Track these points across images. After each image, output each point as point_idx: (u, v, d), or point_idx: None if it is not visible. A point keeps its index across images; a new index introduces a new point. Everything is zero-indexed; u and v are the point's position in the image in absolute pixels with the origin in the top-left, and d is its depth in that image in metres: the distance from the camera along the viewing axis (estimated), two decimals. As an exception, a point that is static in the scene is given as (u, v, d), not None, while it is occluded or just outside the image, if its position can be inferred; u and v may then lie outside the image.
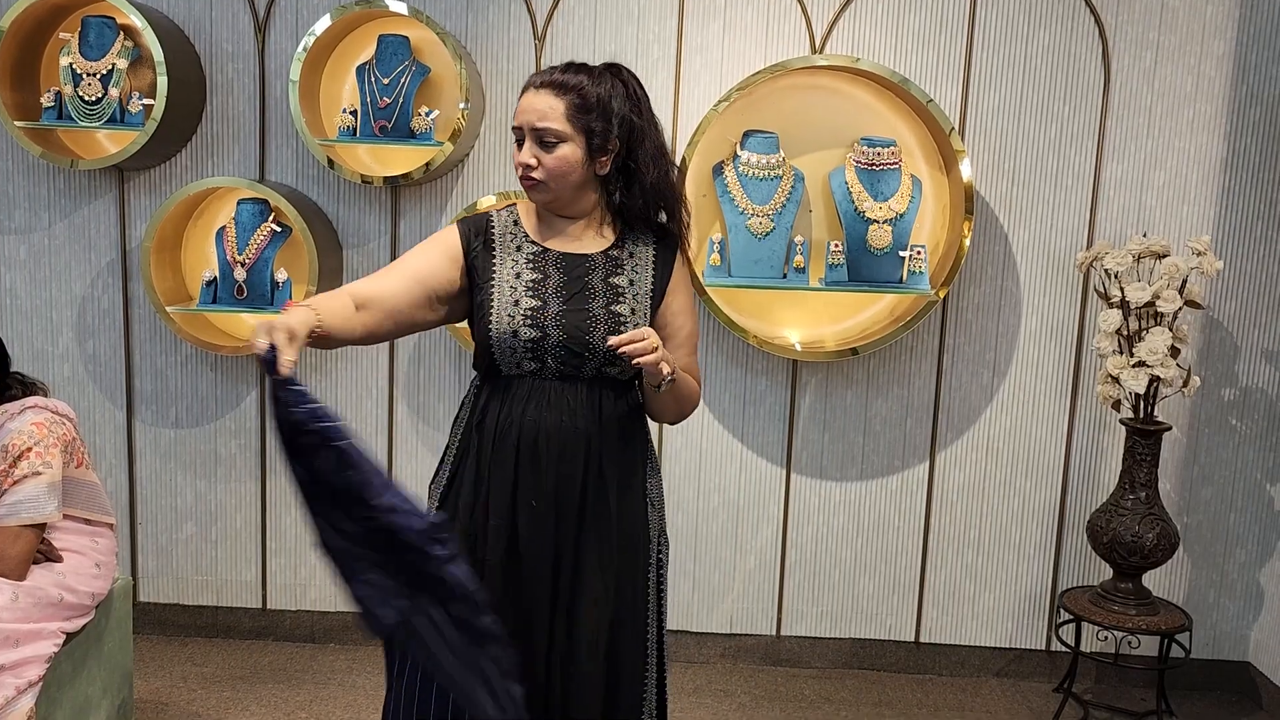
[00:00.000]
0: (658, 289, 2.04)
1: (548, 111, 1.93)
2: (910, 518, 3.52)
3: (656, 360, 1.86)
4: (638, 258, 2.05)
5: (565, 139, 1.93)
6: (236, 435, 3.53)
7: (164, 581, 3.60)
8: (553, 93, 1.94)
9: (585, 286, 1.99)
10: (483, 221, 2.05)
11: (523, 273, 1.99)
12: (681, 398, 2.03)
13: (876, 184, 3.25)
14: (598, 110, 1.95)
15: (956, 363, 3.44)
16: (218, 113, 3.39)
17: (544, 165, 1.94)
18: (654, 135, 2.02)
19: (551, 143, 1.93)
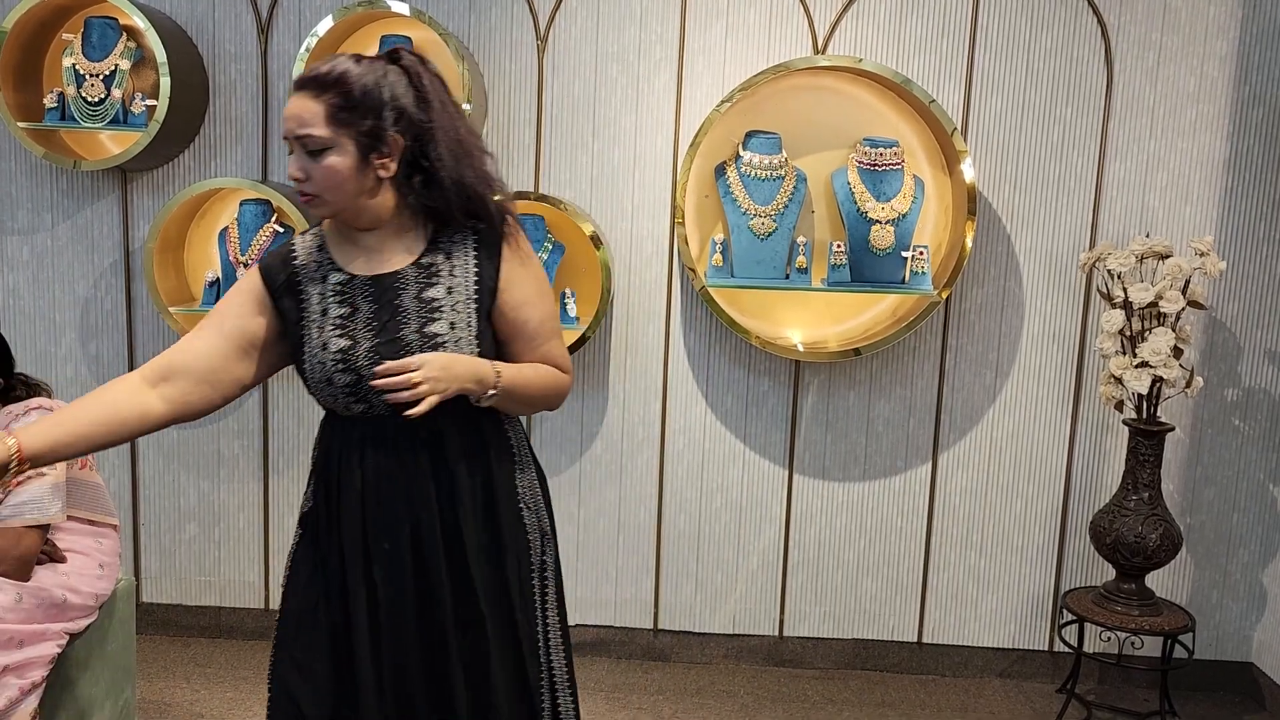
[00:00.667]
0: (484, 289, 1.82)
1: (307, 117, 1.71)
2: (913, 518, 3.52)
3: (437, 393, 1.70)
4: (457, 257, 1.83)
5: (331, 145, 1.71)
6: (239, 436, 3.53)
7: (167, 582, 3.60)
8: (311, 94, 1.72)
9: (397, 311, 1.79)
10: (284, 255, 1.87)
11: (329, 309, 1.81)
12: (526, 400, 1.86)
13: (879, 184, 3.25)
14: (365, 106, 1.72)
15: (959, 363, 3.44)
16: (220, 113, 3.40)
17: (313, 177, 1.73)
18: (449, 124, 1.78)
19: (317, 151, 1.72)
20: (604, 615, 3.58)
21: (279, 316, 1.85)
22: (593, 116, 3.36)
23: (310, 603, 1.90)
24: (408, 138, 1.76)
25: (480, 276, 1.82)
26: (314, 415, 3.50)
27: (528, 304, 1.86)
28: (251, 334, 1.84)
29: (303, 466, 3.54)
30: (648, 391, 3.47)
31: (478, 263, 1.83)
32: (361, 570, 1.83)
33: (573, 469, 3.51)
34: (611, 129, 3.36)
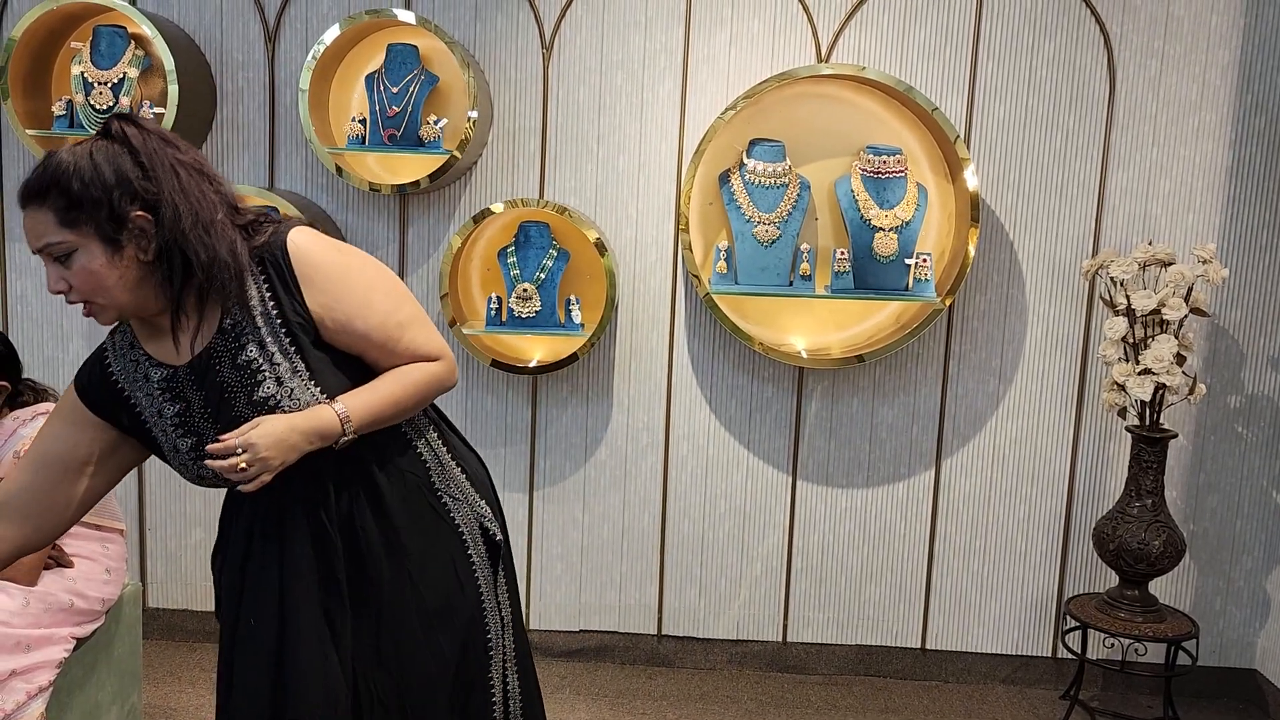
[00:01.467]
0: (293, 323, 1.66)
1: (40, 228, 1.60)
2: (916, 525, 3.52)
3: (269, 469, 1.61)
4: (254, 308, 1.66)
5: (75, 248, 1.59)
6: (245, 441, 3.54)
7: (173, 587, 3.62)
8: (35, 206, 1.60)
9: (222, 390, 1.67)
10: (97, 369, 1.75)
11: (164, 409, 1.70)
12: (398, 415, 1.75)
13: (882, 192, 3.26)
14: (90, 197, 1.58)
15: (962, 370, 3.45)
16: (228, 121, 3.42)
17: (75, 286, 1.61)
18: (172, 184, 1.61)
19: (64, 257, 1.60)
20: (608, 620, 3.59)
21: (115, 427, 1.76)
22: (597, 124, 3.38)
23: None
24: (150, 212, 1.61)
25: (284, 317, 1.66)
26: (319, 421, 3.51)
27: (356, 316, 1.69)
28: (82, 454, 1.76)
29: (308, 472, 3.55)
30: (652, 397, 3.48)
31: (276, 304, 1.66)
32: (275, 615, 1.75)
33: (577, 474, 3.53)
34: (616, 136, 3.38)
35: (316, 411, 1.66)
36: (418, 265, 3.44)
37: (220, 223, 1.63)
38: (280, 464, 1.63)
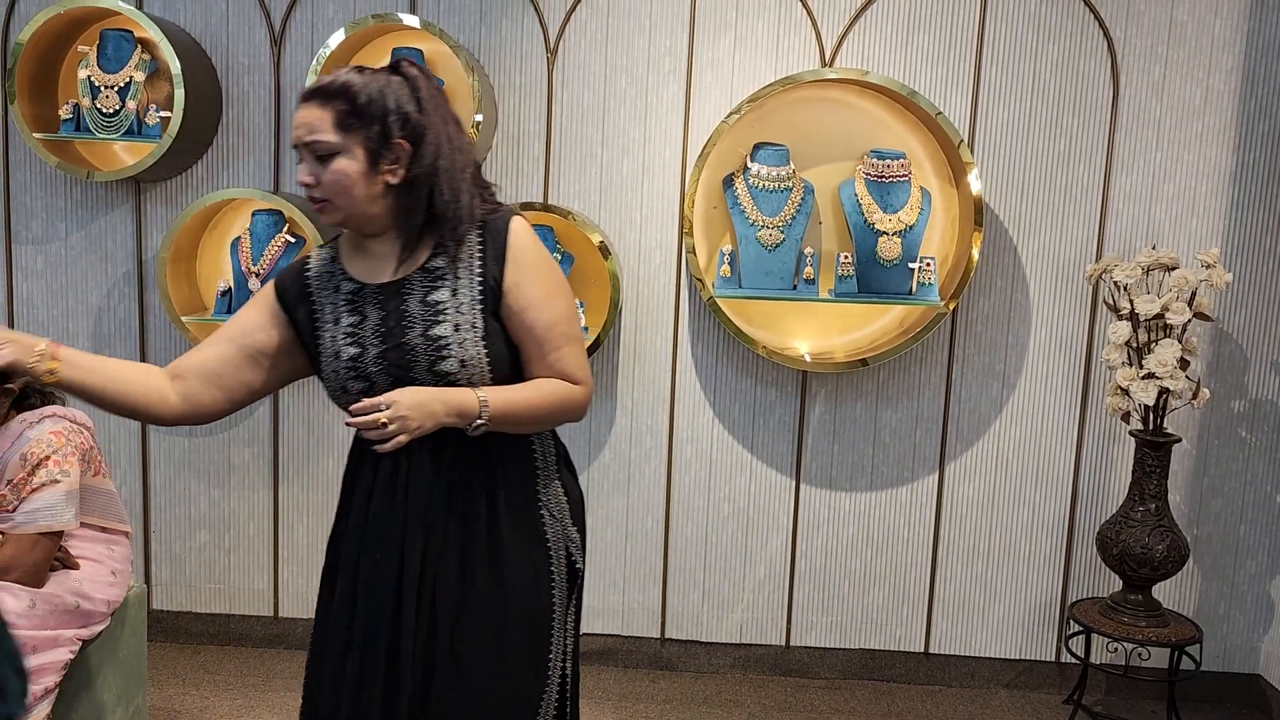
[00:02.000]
0: (489, 290, 1.82)
1: (315, 123, 1.76)
2: (919, 528, 3.52)
3: (406, 431, 1.72)
4: (462, 262, 1.83)
5: (339, 150, 1.76)
6: (250, 444, 3.55)
7: (177, 589, 3.63)
8: (319, 103, 1.77)
9: (403, 316, 1.81)
10: (298, 268, 1.92)
11: (341, 318, 1.84)
12: (528, 422, 1.84)
13: (886, 196, 3.26)
14: (370, 113, 1.76)
15: (966, 374, 3.45)
16: (233, 125, 3.43)
17: (322, 182, 1.77)
18: (449, 134, 1.81)
19: (325, 156, 1.77)
20: (611, 624, 3.59)
21: (294, 328, 1.89)
22: (602, 127, 3.39)
23: (323, 613, 1.95)
24: (411, 145, 1.79)
25: (484, 277, 1.82)
26: (323, 424, 3.52)
27: (534, 306, 1.82)
28: (261, 344, 1.89)
29: (312, 475, 3.56)
30: (655, 401, 3.48)
31: (483, 264, 1.82)
32: (351, 580, 1.86)
33: (580, 478, 3.53)
34: (620, 140, 3.39)
35: (459, 391, 1.78)
36: (422, 269, 3.45)
37: (467, 178, 1.83)
38: (418, 428, 1.73)
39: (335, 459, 3.55)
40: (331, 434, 3.54)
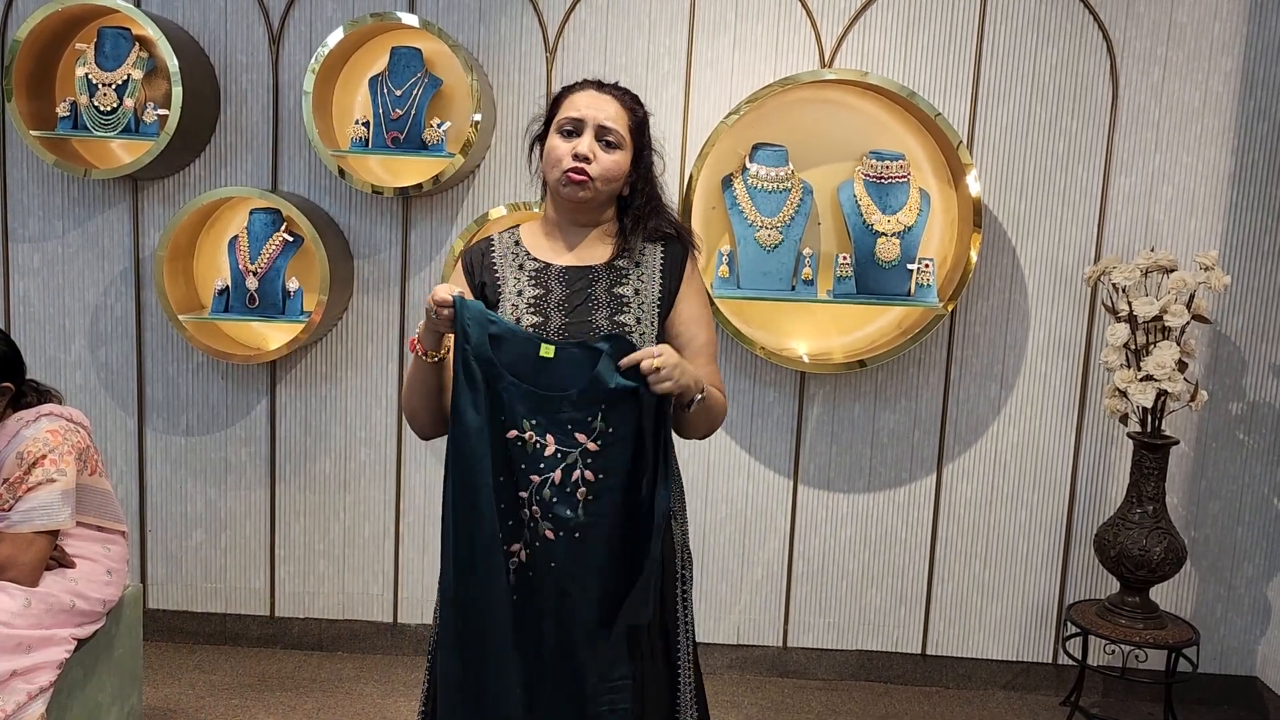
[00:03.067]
0: (666, 297, 2.01)
1: (615, 115, 1.96)
2: (917, 530, 3.52)
3: (673, 380, 1.83)
4: (644, 266, 2.02)
5: (623, 146, 1.97)
6: (247, 443, 3.55)
7: (173, 588, 3.62)
8: (617, 100, 1.98)
9: (588, 299, 1.96)
10: (484, 245, 2.06)
11: (525, 289, 1.98)
12: (712, 411, 1.99)
13: (885, 197, 3.26)
14: (645, 132, 2.02)
15: (964, 375, 3.45)
16: (231, 123, 3.42)
17: (599, 162, 1.95)
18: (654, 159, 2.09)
19: (612, 144, 1.96)
20: (608, 625, 3.58)
21: (481, 293, 2.02)
22: (600, 128, 3.37)
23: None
24: (648, 166, 2.04)
25: (664, 285, 2.01)
26: (320, 424, 3.51)
27: (695, 320, 2.03)
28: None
29: (308, 474, 3.55)
30: (653, 401, 3.47)
31: (663, 273, 2.02)
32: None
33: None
34: (619, 140, 3.38)
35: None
36: (420, 268, 3.44)
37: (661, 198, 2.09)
38: (674, 384, 1.84)
39: (332, 459, 3.54)
40: (328, 433, 3.53)
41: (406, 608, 3.60)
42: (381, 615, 3.60)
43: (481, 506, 1.84)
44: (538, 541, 1.85)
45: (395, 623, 3.60)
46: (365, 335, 3.48)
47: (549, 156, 1.97)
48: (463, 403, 1.85)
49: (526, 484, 1.85)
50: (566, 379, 1.86)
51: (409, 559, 3.57)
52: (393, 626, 3.60)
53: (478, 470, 1.84)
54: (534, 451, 1.85)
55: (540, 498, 1.85)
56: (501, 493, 1.85)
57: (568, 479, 1.84)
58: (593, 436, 1.86)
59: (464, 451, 1.85)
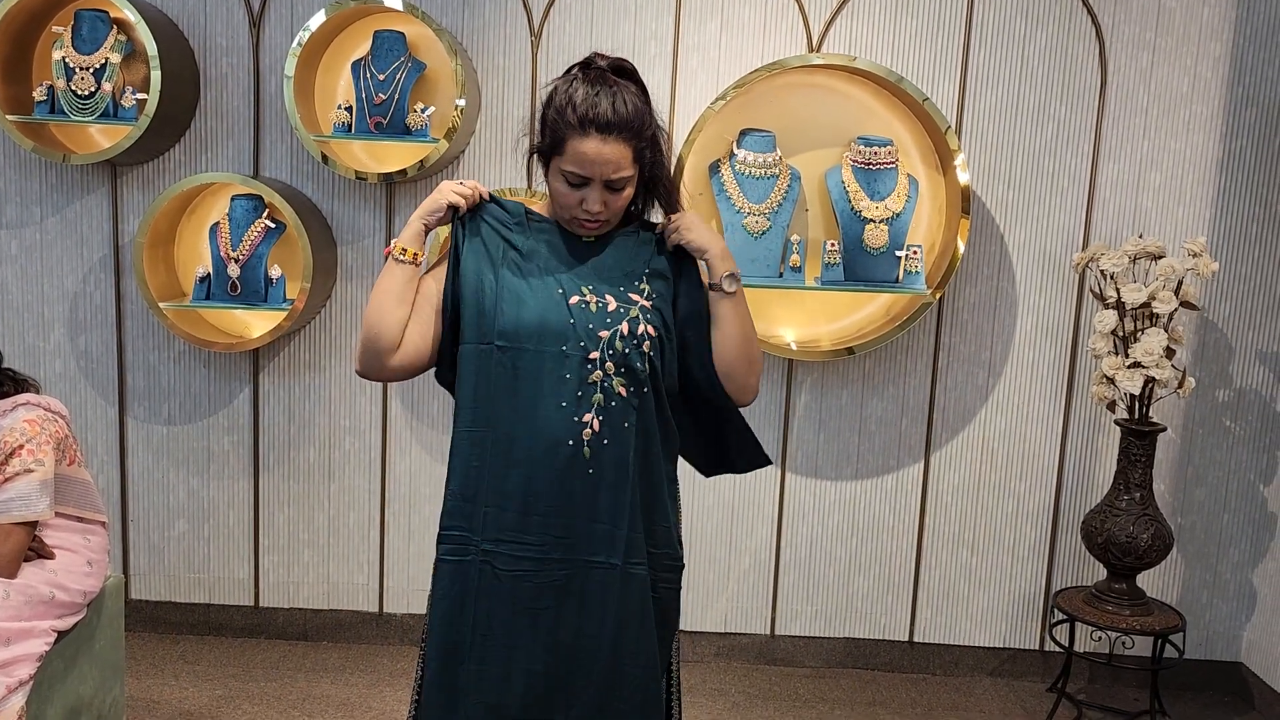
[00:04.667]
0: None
1: (620, 161, 1.82)
2: (905, 517, 3.52)
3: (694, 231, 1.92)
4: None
5: (631, 180, 1.87)
6: (229, 432, 3.51)
7: (156, 579, 3.58)
8: (623, 139, 1.81)
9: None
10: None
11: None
12: (749, 326, 1.98)
13: (873, 183, 3.24)
14: (651, 139, 1.88)
15: (952, 363, 3.44)
16: (211, 108, 3.37)
17: (610, 207, 1.87)
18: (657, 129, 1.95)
19: (620, 188, 1.86)
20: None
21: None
22: (586, 113, 3.34)
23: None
24: (654, 157, 1.92)
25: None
26: (304, 412, 3.48)
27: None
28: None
29: (293, 463, 3.52)
30: (640, 389, 3.45)
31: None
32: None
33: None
34: (605, 126, 3.34)
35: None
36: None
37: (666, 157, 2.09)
38: (694, 236, 1.91)
39: (316, 447, 3.50)
40: (313, 422, 3.49)
41: (392, 597, 3.57)
42: (367, 605, 3.58)
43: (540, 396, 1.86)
44: (613, 401, 1.86)
45: (381, 612, 3.58)
46: (349, 323, 3.44)
47: (556, 200, 1.90)
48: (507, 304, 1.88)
49: (595, 342, 1.86)
50: (607, 259, 1.95)
51: (394, 548, 3.55)
52: (378, 616, 3.58)
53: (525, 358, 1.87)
54: (598, 309, 1.88)
55: (613, 350, 1.86)
56: (566, 364, 1.85)
57: (635, 330, 1.87)
58: (645, 295, 1.92)
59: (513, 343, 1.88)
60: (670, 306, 1.96)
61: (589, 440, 1.87)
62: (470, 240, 1.94)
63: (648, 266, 1.96)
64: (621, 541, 1.89)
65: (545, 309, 1.87)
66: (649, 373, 1.90)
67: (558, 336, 1.86)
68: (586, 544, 1.89)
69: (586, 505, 1.88)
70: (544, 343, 1.86)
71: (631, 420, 1.89)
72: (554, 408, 1.86)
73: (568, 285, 1.90)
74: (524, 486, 1.87)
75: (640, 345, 1.88)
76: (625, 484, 1.89)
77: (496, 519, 1.88)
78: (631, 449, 1.89)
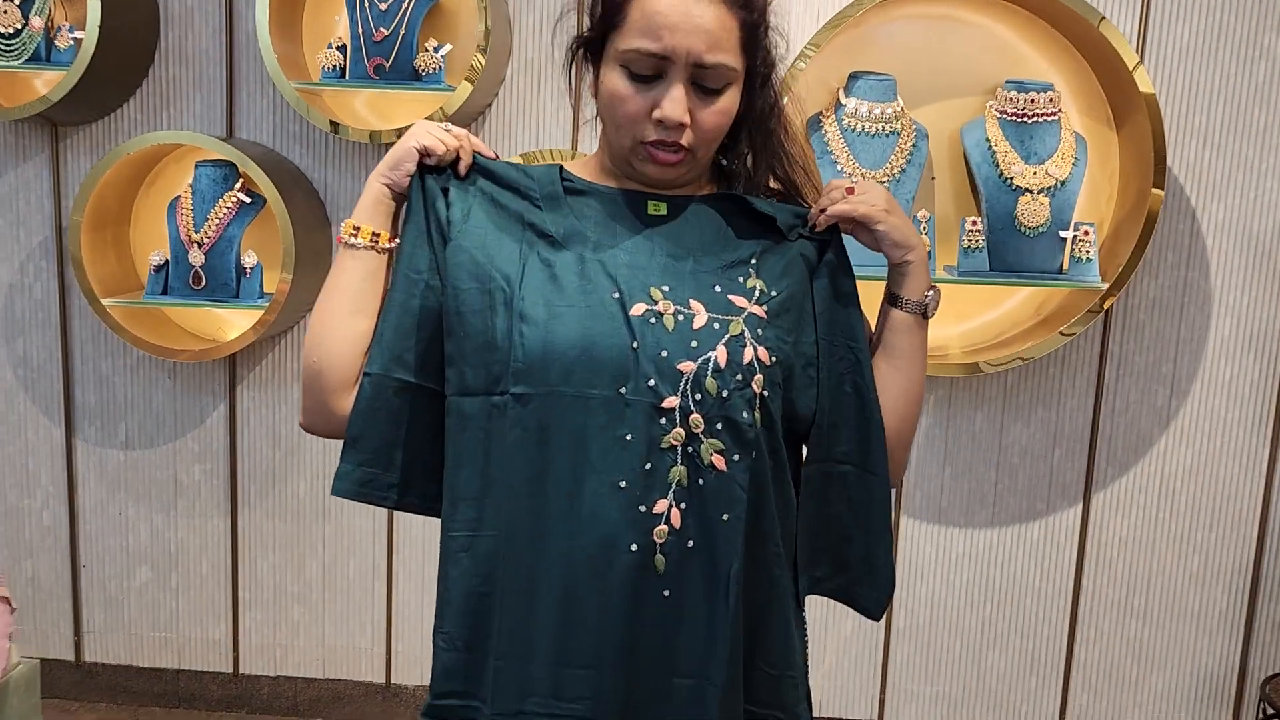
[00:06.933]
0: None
1: (720, 35, 1.18)
2: (1055, 576, 2.80)
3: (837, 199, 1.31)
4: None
5: (733, 80, 1.21)
6: (201, 459, 2.86)
7: (114, 639, 2.97)
8: (727, 5, 1.18)
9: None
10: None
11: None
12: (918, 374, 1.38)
13: (1028, 141, 2.48)
14: (767, 24, 1.26)
15: (1122, 377, 2.70)
16: (174, 51, 2.71)
17: (700, 124, 1.20)
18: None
19: (716, 89, 1.20)
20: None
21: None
22: (648, 54, 2.62)
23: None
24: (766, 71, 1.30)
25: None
26: (292, 436, 2.82)
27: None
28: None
29: (279, 498, 2.86)
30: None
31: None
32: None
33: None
34: (672, 70, 2.62)
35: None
36: (416, 237, 2.72)
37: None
38: (884, 221, 1.31)
39: (308, 479, 2.85)
40: (302, 448, 2.83)
41: (402, 665, 2.92)
42: (371, 674, 2.93)
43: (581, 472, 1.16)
44: (704, 478, 1.17)
45: (388, 683, 2.93)
46: (347, 323, 2.77)
47: (612, 108, 1.22)
48: (530, 301, 1.19)
49: (673, 381, 1.16)
50: (688, 237, 1.26)
51: (404, 604, 2.89)
52: (385, 689, 2.93)
53: (562, 395, 1.17)
54: (678, 325, 1.18)
55: (703, 393, 1.17)
56: (626, 417, 1.16)
57: (738, 358, 1.19)
58: (756, 298, 1.23)
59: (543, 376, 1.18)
60: (799, 317, 1.26)
61: (664, 544, 1.16)
62: (464, 221, 1.23)
63: (760, 249, 1.27)
64: (713, 703, 1.17)
65: (592, 326, 1.17)
66: (763, 428, 1.20)
67: (613, 372, 1.16)
68: (659, 710, 1.17)
69: (661, 649, 1.17)
70: (590, 382, 1.16)
71: (735, 509, 1.18)
72: (607, 490, 1.15)
73: (629, 286, 1.19)
74: (559, 624, 1.16)
75: (747, 383, 1.18)
76: (724, 614, 1.18)
77: (516, 679, 1.17)
78: (736, 556, 1.18)
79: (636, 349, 1.15)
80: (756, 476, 1.20)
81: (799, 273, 1.30)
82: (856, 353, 1.31)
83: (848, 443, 1.29)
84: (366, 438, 1.27)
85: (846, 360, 1.30)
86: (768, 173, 1.34)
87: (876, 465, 1.30)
